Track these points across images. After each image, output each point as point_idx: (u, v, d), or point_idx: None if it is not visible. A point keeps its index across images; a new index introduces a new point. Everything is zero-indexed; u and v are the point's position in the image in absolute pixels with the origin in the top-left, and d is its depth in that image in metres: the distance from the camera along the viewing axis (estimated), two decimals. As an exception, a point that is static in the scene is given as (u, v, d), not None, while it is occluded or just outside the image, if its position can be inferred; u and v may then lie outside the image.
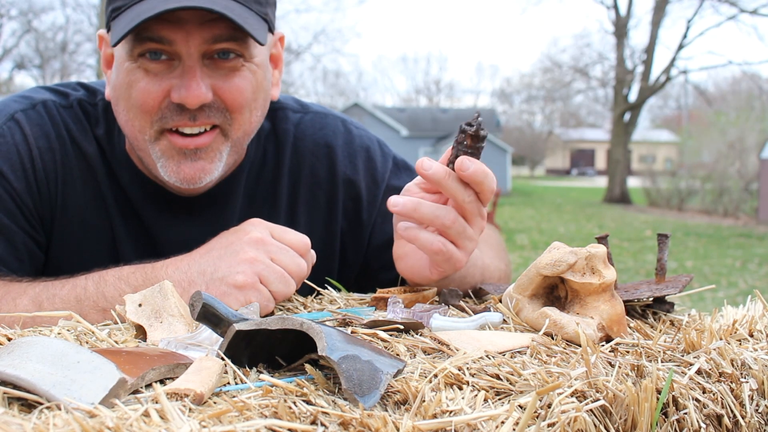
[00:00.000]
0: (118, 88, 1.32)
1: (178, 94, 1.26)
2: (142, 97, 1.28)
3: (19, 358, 0.72)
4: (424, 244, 1.15)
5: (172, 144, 1.30)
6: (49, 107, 1.41)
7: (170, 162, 1.31)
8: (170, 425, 0.64)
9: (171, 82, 1.27)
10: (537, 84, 49.52)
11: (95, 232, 1.41)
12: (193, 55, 1.26)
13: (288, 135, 1.53)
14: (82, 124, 1.43)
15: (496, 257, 1.50)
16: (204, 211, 1.45)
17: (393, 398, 0.74)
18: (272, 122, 1.53)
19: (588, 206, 27.59)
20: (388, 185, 1.57)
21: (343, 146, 1.56)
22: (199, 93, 1.26)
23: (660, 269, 1.25)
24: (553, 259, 1.03)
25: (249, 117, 1.35)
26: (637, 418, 0.78)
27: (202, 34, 1.25)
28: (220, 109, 1.30)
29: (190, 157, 1.31)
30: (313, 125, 1.56)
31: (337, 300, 1.27)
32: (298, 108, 1.57)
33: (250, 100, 1.33)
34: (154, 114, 1.29)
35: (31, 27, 35.48)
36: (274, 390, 0.74)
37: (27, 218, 1.36)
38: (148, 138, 1.31)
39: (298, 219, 1.52)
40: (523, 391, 0.78)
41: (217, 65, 1.29)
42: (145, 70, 1.27)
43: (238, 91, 1.30)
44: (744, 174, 23.79)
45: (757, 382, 0.92)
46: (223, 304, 0.88)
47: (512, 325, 1.04)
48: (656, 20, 30.91)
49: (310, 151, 1.54)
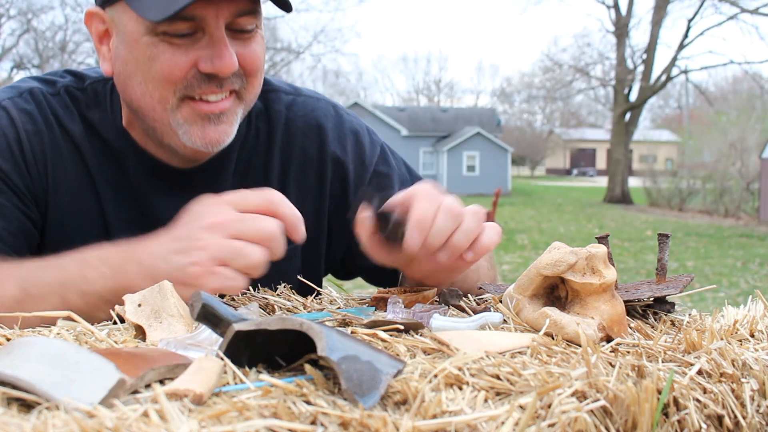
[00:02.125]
0: (131, 62, 1.34)
1: (210, 64, 1.31)
2: (168, 69, 1.31)
3: (18, 358, 0.72)
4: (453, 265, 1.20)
5: (197, 111, 1.35)
6: (36, 94, 1.45)
7: (194, 127, 1.35)
8: (170, 425, 0.64)
9: (198, 53, 1.31)
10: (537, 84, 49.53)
11: (86, 211, 1.45)
12: (221, 27, 1.31)
13: (280, 115, 1.58)
14: (69, 109, 1.46)
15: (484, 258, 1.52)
16: (197, 186, 1.48)
17: (393, 398, 0.74)
18: (264, 103, 1.58)
19: (588, 206, 27.60)
20: (375, 170, 1.60)
21: (334, 128, 1.60)
22: (231, 62, 1.31)
23: (661, 269, 1.25)
24: (553, 259, 1.03)
25: (259, 80, 1.42)
26: (637, 418, 0.78)
27: (230, 8, 1.31)
28: (239, 75, 1.36)
29: (214, 122, 1.36)
30: (305, 107, 1.60)
31: (337, 300, 1.27)
32: (291, 90, 1.62)
33: (262, 65, 1.41)
34: (179, 83, 1.33)
35: (30, 26, 35.50)
36: (273, 390, 0.74)
37: (19, 197, 1.39)
38: (171, 106, 1.35)
39: (288, 197, 1.53)
40: (524, 392, 0.78)
41: (236, 35, 1.35)
42: (169, 43, 1.31)
43: (256, 56, 1.38)
44: (745, 174, 23.79)
45: (758, 383, 0.91)
46: (222, 304, 0.88)
47: (512, 326, 1.04)
48: (657, 20, 30.93)
49: (301, 130, 1.58)
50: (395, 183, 1.60)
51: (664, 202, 27.00)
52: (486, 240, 1.21)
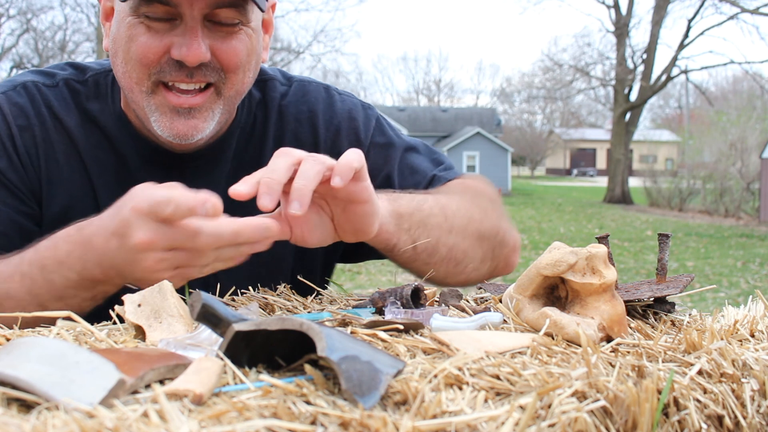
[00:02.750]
0: (117, 41, 1.36)
1: (178, 51, 1.31)
2: (142, 51, 1.33)
3: (18, 358, 0.72)
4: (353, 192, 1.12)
5: (167, 101, 1.35)
6: (29, 87, 1.46)
7: (163, 117, 1.36)
8: (169, 426, 0.64)
9: (172, 40, 1.32)
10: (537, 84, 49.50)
11: (81, 203, 1.45)
12: (195, 17, 1.31)
13: (274, 103, 1.58)
14: (66, 101, 1.47)
15: (466, 201, 1.46)
16: (195, 170, 1.49)
17: (393, 399, 0.74)
18: (262, 92, 1.58)
19: (588, 206, 27.59)
20: (372, 142, 1.59)
21: (325, 110, 1.60)
22: (199, 52, 1.31)
23: (661, 269, 1.25)
24: (553, 259, 1.03)
25: (242, 77, 1.40)
26: (637, 418, 0.78)
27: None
28: (216, 69, 1.36)
29: (184, 115, 1.36)
30: (296, 94, 1.61)
31: (337, 300, 1.27)
32: (284, 81, 1.63)
33: (244, 62, 1.38)
34: (152, 67, 1.34)
35: (29, 26, 35.49)
36: (273, 390, 0.73)
37: (13, 193, 1.39)
38: (145, 90, 1.35)
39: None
40: (524, 392, 0.77)
41: (216, 27, 1.35)
42: (147, 27, 1.32)
43: (234, 52, 1.36)
44: (745, 174, 23.78)
45: (758, 383, 0.91)
46: (222, 304, 0.88)
47: (512, 326, 1.04)
48: (657, 19, 30.92)
49: (294, 117, 1.58)
50: (396, 150, 1.59)
51: (664, 202, 26.99)
52: (342, 161, 1.09)
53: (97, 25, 23.70)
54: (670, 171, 34.15)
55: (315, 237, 1.17)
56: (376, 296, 1.15)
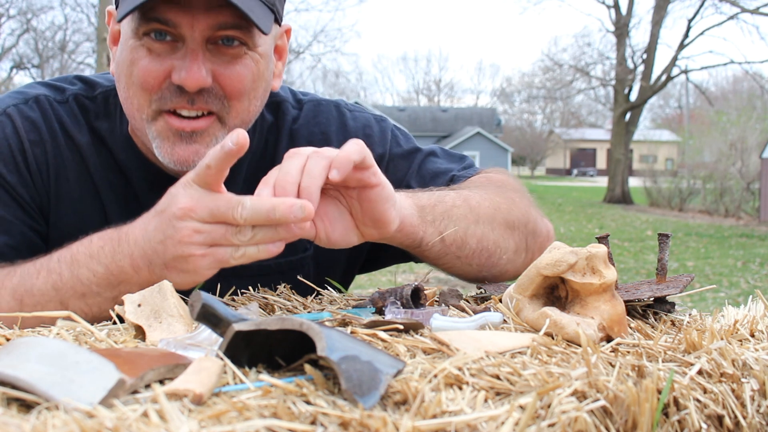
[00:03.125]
0: (120, 65, 1.34)
1: (178, 75, 1.28)
2: (143, 76, 1.30)
3: (17, 358, 0.72)
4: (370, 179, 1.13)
5: (169, 125, 1.32)
6: (41, 102, 1.43)
7: (165, 143, 1.32)
8: (169, 426, 0.64)
9: (173, 63, 1.29)
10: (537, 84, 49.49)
11: (91, 222, 1.41)
12: (196, 39, 1.28)
13: (286, 127, 1.56)
14: (76, 118, 1.44)
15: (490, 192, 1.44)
16: None
17: (393, 398, 0.74)
18: (275, 115, 1.55)
19: (589, 206, 27.59)
20: (391, 155, 1.57)
21: (338, 130, 1.57)
22: (198, 76, 1.27)
23: (661, 269, 1.25)
24: (553, 259, 1.03)
25: (247, 105, 1.36)
26: (637, 418, 0.78)
27: (208, 20, 1.26)
28: (219, 96, 1.31)
29: (186, 140, 1.32)
30: (307, 116, 1.58)
31: (337, 300, 1.27)
32: (295, 104, 1.59)
33: (249, 89, 1.34)
34: (153, 93, 1.31)
35: (30, 26, 35.49)
36: (273, 390, 0.73)
37: (24, 209, 1.37)
38: (146, 117, 1.32)
39: None
40: (524, 392, 0.77)
41: (220, 51, 1.30)
42: (149, 49, 1.29)
43: (237, 78, 1.32)
44: (745, 174, 23.78)
45: (758, 383, 0.91)
46: (222, 305, 0.88)
47: (512, 326, 1.04)
48: (657, 19, 30.90)
49: (306, 139, 1.55)
50: (416, 158, 1.57)
51: (664, 202, 26.98)
52: (340, 154, 1.10)
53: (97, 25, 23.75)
54: (670, 171, 34.17)
55: (337, 231, 1.17)
56: (376, 296, 1.15)
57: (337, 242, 1.18)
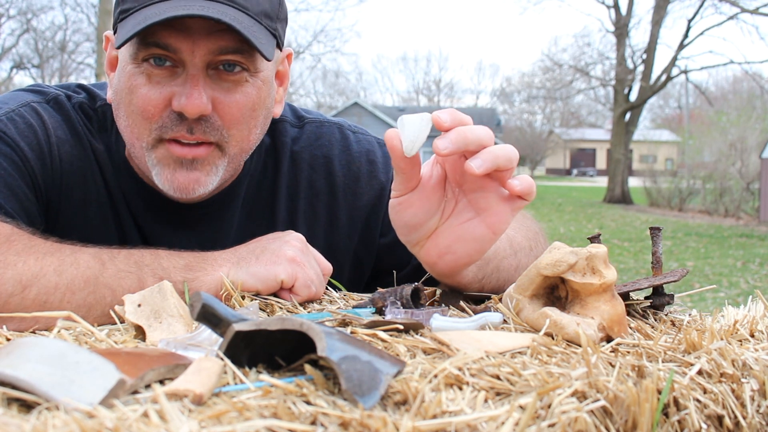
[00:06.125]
0: (119, 91, 1.31)
1: (178, 102, 1.25)
2: (143, 104, 1.27)
3: (18, 358, 0.72)
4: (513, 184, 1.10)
5: (170, 152, 1.29)
6: (62, 102, 1.41)
7: (165, 170, 1.30)
8: (169, 426, 0.64)
9: (173, 90, 1.26)
10: (537, 84, 49.48)
11: (99, 230, 1.40)
12: (197, 64, 1.25)
13: (286, 148, 1.52)
14: (88, 126, 1.43)
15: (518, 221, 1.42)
16: (201, 222, 1.45)
17: (393, 399, 0.74)
18: (272, 136, 1.52)
19: (589, 206, 27.58)
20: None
21: (341, 154, 1.55)
22: (199, 103, 1.25)
23: (656, 262, 1.24)
24: (553, 260, 1.03)
25: (247, 134, 1.34)
26: (637, 418, 0.78)
27: (208, 44, 1.24)
28: (217, 127, 1.29)
29: (186, 167, 1.30)
30: (309, 138, 1.55)
31: (337, 300, 1.27)
32: (296, 122, 1.56)
33: (248, 117, 1.32)
34: (154, 122, 1.28)
35: (30, 26, 35.48)
36: (273, 390, 0.73)
37: (37, 196, 1.35)
38: (146, 145, 1.30)
39: (297, 230, 1.51)
40: (524, 392, 0.77)
41: (221, 77, 1.28)
42: (148, 76, 1.27)
43: (237, 106, 1.29)
44: (745, 174, 23.78)
45: (758, 383, 0.91)
46: (222, 305, 0.88)
47: (512, 326, 1.04)
48: (657, 19, 30.91)
49: (308, 163, 1.53)
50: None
51: (664, 202, 26.99)
52: (497, 150, 1.06)
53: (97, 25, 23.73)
54: (670, 171, 34.15)
55: (416, 209, 1.14)
56: (376, 296, 1.15)
57: (409, 209, 1.15)
